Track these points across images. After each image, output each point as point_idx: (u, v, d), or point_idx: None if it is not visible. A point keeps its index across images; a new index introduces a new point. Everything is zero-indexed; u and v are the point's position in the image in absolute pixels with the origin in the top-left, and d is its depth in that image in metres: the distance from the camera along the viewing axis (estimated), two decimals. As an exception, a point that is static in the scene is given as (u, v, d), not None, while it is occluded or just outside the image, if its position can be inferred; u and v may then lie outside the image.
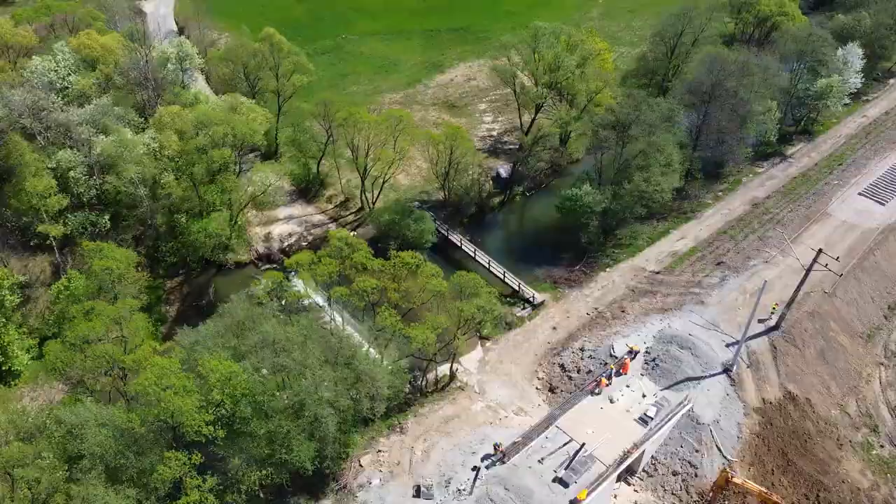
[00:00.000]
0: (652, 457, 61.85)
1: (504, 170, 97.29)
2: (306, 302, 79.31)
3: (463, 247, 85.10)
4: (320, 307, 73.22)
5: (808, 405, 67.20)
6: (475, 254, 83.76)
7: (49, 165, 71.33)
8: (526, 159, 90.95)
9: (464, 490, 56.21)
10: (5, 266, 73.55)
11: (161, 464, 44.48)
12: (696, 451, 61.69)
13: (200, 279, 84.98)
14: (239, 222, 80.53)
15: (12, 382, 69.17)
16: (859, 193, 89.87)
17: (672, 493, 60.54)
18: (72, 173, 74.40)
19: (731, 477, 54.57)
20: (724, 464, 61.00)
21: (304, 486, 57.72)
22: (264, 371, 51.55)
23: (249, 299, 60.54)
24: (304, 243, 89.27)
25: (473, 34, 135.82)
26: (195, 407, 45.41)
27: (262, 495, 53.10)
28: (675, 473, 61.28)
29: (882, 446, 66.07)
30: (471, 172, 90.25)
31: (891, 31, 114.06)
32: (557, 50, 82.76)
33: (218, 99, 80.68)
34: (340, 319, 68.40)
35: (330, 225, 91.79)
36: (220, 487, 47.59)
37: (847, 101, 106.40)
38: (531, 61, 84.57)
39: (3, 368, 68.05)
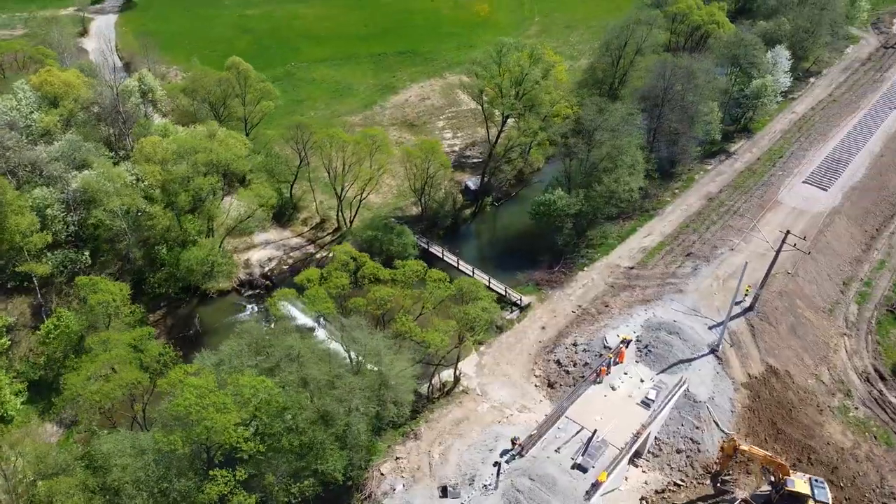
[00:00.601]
0: (655, 438, 65.08)
1: (473, 182, 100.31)
2: (296, 324, 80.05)
3: (445, 257, 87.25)
4: (310, 329, 74.02)
5: (788, 377, 72.18)
6: (458, 263, 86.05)
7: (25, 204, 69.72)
8: (496, 170, 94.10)
9: (489, 485, 57.87)
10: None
11: (208, 482, 44.42)
12: (697, 427, 65.39)
13: (182, 310, 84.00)
14: (223, 248, 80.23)
15: (5, 428, 66.76)
16: (804, 182, 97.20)
17: (678, 470, 63.85)
18: (49, 211, 72.88)
19: (739, 445, 58.24)
20: (722, 437, 64.84)
21: (330, 499, 58.16)
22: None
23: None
24: (284, 267, 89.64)
25: (420, 55, 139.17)
26: (234, 423, 45.66)
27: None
28: (678, 451, 64.68)
29: (857, 408, 71.43)
30: (444, 186, 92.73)
31: (808, 34, 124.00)
32: (523, 62, 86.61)
33: (187, 129, 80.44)
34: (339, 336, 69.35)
35: (308, 247, 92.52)
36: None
37: (779, 99, 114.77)
38: (496, 75, 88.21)
39: (-7, 413, 65.73)
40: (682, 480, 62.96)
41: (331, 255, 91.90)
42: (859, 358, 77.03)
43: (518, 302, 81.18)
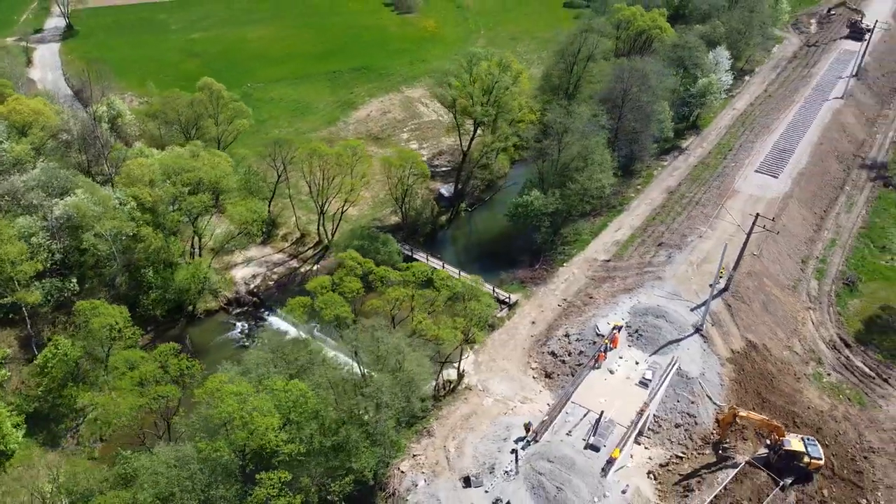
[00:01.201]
0: (654, 415, 68.62)
1: (446, 189, 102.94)
2: (289, 337, 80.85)
3: (429, 263, 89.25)
4: (304, 339, 74.90)
5: (766, 350, 77.20)
6: (444, 267, 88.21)
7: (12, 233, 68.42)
8: (470, 177, 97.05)
9: (510, 471, 60.06)
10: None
11: (256, 486, 45.04)
12: (692, 402, 69.31)
13: (172, 332, 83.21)
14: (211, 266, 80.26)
15: (6, 463, 64.99)
16: (756, 171, 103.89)
17: (679, 444, 67.43)
18: (34, 239, 71.61)
19: (738, 412, 62.26)
20: (716, 410, 68.97)
21: (356, 499, 59.05)
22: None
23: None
24: (270, 283, 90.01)
25: (375, 71, 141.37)
26: (277, 426, 46.49)
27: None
28: (677, 426, 68.37)
29: (829, 374, 76.96)
30: (421, 194, 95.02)
31: (742, 35, 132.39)
32: (493, 69, 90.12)
33: (169, 151, 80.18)
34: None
35: (291, 262, 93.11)
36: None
37: (723, 96, 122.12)
38: (468, 83, 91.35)
39: (-5, 448, 63.96)
40: (683, 453, 66.52)
41: (323, 261, 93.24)
42: (825, 328, 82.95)
43: (507, 300, 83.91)
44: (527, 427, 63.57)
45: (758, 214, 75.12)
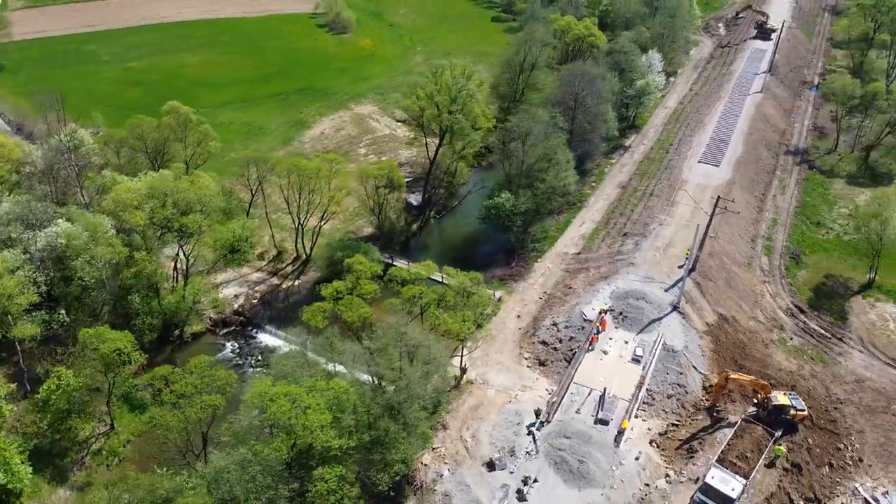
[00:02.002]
0: (647, 389, 73.47)
1: (414, 198, 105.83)
2: (282, 351, 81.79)
3: (411, 269, 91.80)
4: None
5: (735, 321, 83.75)
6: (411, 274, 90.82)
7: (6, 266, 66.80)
8: (440, 184, 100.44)
9: (531, 451, 63.32)
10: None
11: (318, 481, 46.38)
12: (680, 373, 74.59)
13: (160, 358, 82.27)
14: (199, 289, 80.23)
15: (15, 502, 63.03)
16: (699, 161, 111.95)
17: (673, 413, 72.35)
18: (20, 272, 69.96)
19: (730, 375, 67.77)
20: (702, 378, 74.55)
21: (386, 497, 60.83)
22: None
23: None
24: (254, 301, 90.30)
25: (320, 91, 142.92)
26: (328, 423, 48.04)
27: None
28: (669, 397, 73.37)
29: (791, 339, 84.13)
30: (395, 203, 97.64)
31: (667, 39, 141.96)
32: (458, 78, 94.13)
33: (150, 175, 79.70)
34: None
35: (271, 280, 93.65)
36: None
37: (658, 95, 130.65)
38: (435, 93, 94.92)
39: (4, 486, 61.92)
40: (678, 420, 71.44)
41: (304, 276, 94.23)
42: (781, 298, 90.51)
43: (491, 297, 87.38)
44: (537, 413, 66.96)
45: (719, 197, 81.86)
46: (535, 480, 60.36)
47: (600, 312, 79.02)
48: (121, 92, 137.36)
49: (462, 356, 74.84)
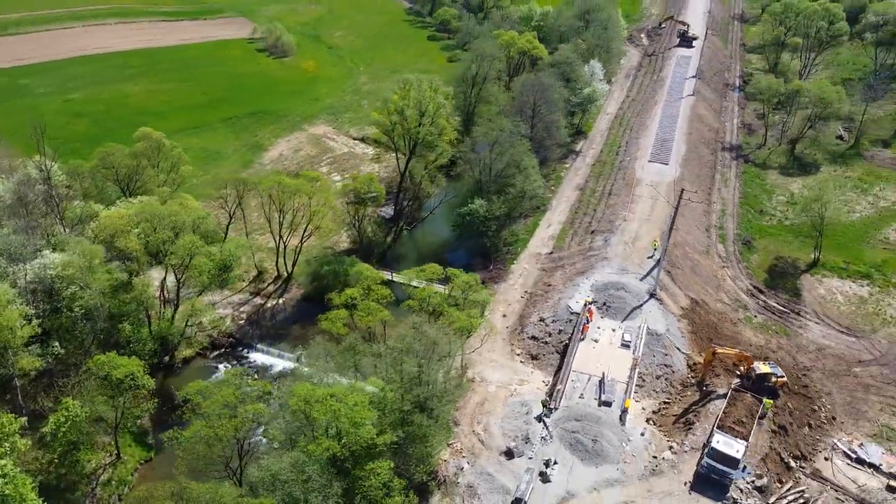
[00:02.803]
0: (638, 372, 78.15)
1: (385, 212, 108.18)
2: (277, 370, 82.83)
3: (394, 279, 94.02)
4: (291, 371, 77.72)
5: (705, 304, 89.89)
6: (411, 281, 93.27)
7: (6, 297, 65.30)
8: (416, 195, 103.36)
9: (545, 437, 66.59)
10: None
11: (371, 476, 48.06)
12: (666, 355, 79.66)
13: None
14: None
15: (33, 541, 61.29)
16: (649, 161, 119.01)
17: (663, 392, 77.19)
18: (12, 307, 68.38)
19: (717, 350, 73.14)
20: (686, 357, 79.87)
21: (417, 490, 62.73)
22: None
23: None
24: (241, 321, 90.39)
25: (272, 114, 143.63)
26: (374, 419, 49.91)
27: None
28: (657, 377, 78.21)
29: (755, 317, 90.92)
30: (371, 216, 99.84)
31: (604, 50, 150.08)
32: (427, 92, 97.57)
33: (137, 201, 79.18)
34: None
35: (254, 300, 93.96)
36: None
37: (601, 102, 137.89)
38: (405, 107, 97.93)
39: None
40: (669, 398, 76.28)
41: (287, 294, 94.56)
42: (740, 281, 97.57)
43: (489, 293, 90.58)
44: (545, 403, 70.36)
45: (683, 189, 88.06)
46: (555, 462, 63.59)
47: (586, 304, 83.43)
48: (67, 124, 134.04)
49: (462, 353, 77.57)
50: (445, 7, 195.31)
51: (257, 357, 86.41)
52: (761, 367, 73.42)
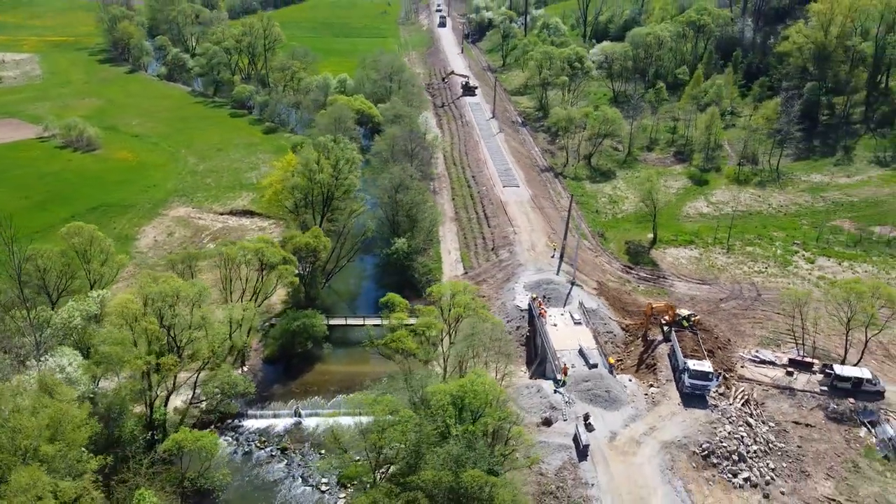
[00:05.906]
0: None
1: (300, 269, 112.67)
2: (279, 429, 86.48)
3: (348, 322, 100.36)
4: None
5: (605, 284, 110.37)
6: (364, 321, 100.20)
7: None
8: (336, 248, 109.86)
9: (568, 401, 79.71)
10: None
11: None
12: (605, 324, 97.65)
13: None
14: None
15: None
16: (504, 186, 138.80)
17: (613, 351, 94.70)
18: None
19: (653, 305, 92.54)
20: (617, 322, 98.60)
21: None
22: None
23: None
24: (215, 402, 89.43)
25: (116, 206, 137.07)
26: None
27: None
28: (606, 342, 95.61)
29: (639, 286, 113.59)
30: (302, 272, 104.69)
31: (416, 103, 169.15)
32: (344, 150, 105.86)
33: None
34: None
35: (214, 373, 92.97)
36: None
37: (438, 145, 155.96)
38: (317, 171, 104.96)
39: None
40: (620, 355, 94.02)
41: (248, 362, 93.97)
42: (615, 263, 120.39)
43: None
44: (556, 381, 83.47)
45: (572, 196, 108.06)
46: (589, 415, 77.07)
47: (534, 298, 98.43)
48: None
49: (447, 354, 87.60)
50: (242, 85, 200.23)
51: (251, 422, 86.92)
52: (682, 312, 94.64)
